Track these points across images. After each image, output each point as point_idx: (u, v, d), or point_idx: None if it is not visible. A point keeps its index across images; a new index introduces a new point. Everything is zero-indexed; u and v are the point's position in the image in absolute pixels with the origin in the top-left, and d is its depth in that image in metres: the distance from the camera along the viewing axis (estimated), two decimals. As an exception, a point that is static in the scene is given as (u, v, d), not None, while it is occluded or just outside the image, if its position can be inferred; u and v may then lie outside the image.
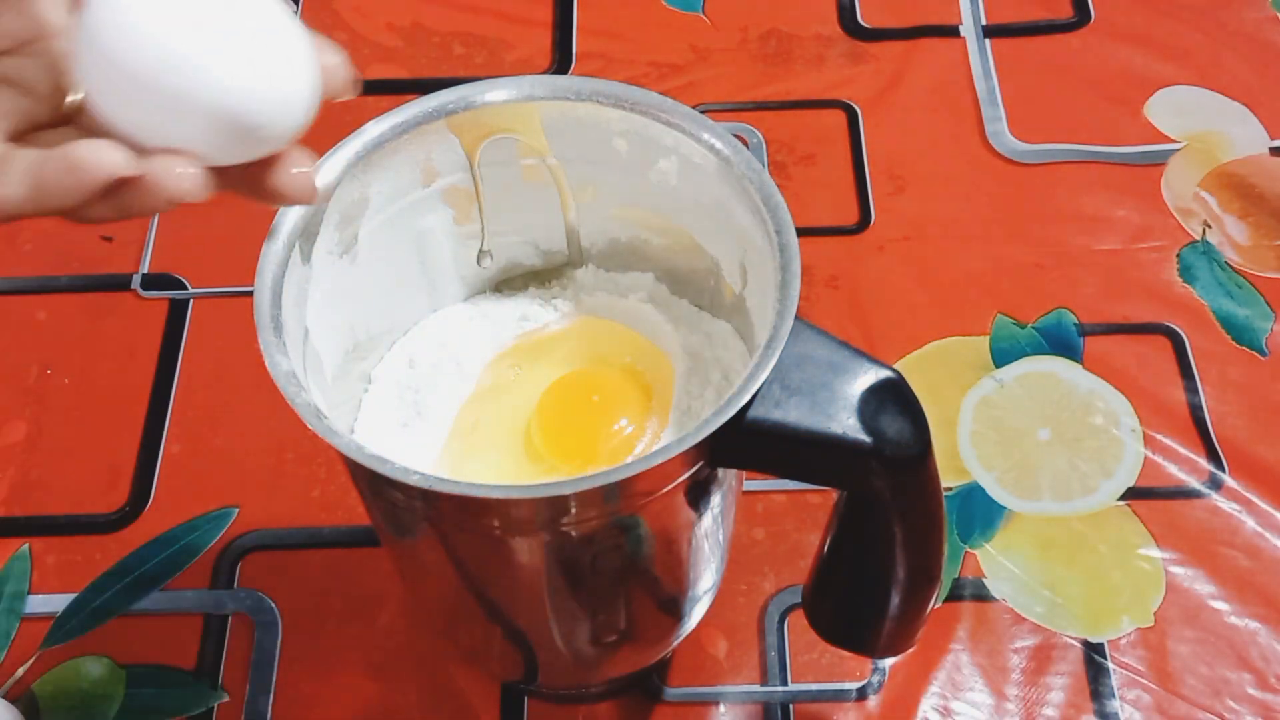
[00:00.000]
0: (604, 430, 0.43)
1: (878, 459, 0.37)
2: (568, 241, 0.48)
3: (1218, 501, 0.57)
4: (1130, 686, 0.52)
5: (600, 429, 0.43)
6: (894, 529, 0.39)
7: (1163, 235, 0.65)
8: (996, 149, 0.68)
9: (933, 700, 0.52)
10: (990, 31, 0.73)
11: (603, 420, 0.44)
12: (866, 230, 0.66)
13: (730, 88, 0.71)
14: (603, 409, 0.44)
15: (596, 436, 0.43)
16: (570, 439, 0.43)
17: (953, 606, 0.54)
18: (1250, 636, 0.53)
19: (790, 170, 0.68)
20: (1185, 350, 0.61)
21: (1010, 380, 0.60)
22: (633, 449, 0.43)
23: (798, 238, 0.39)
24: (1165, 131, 0.69)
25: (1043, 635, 0.53)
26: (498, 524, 0.38)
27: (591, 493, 0.35)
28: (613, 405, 0.44)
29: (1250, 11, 0.74)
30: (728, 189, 0.41)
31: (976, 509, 0.56)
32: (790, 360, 0.37)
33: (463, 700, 0.52)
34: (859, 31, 0.73)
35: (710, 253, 0.45)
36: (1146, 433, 0.58)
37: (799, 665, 0.53)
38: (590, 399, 0.44)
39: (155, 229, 0.66)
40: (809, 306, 0.62)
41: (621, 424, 0.43)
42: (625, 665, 0.50)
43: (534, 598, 0.42)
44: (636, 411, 0.44)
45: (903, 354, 0.61)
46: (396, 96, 0.43)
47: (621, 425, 0.43)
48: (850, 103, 0.70)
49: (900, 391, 0.37)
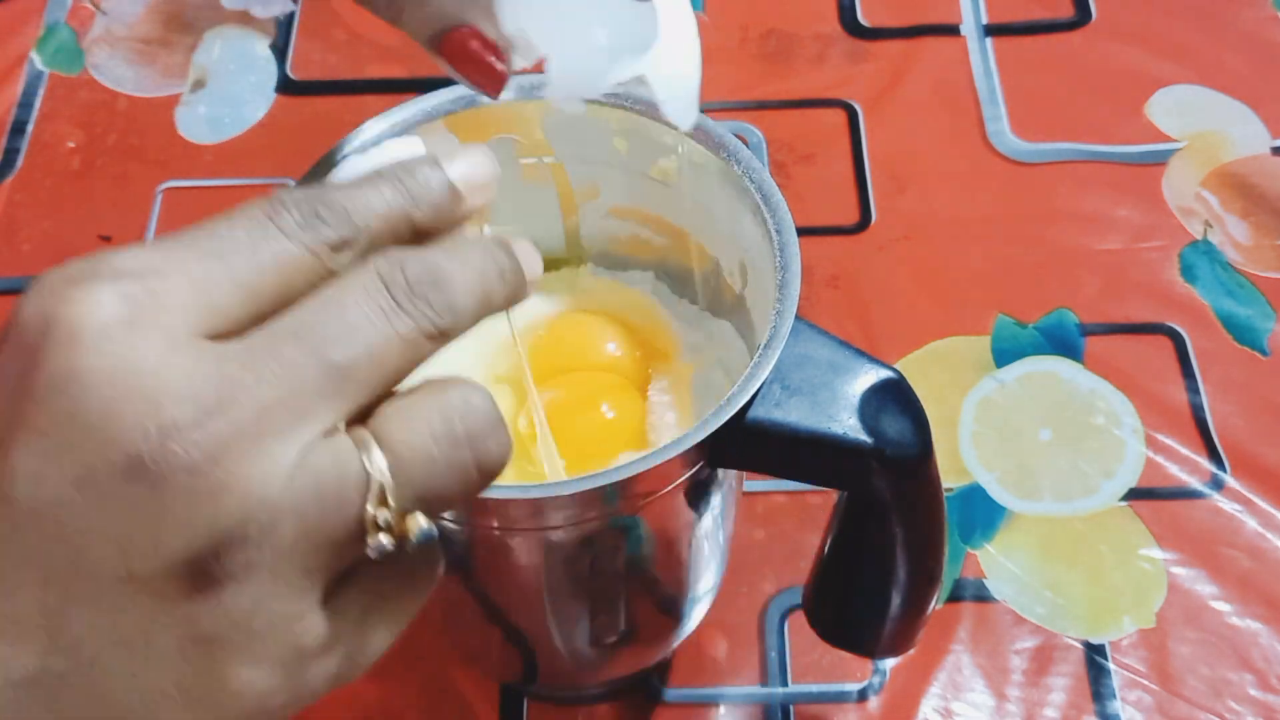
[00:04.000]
0: (597, 436, 0.43)
1: (878, 459, 0.36)
2: (567, 241, 0.47)
3: (1219, 502, 0.56)
4: (1131, 687, 0.52)
5: (592, 436, 0.43)
6: (895, 530, 0.39)
7: (1164, 235, 0.65)
8: (997, 148, 0.68)
9: (933, 701, 0.52)
10: (991, 30, 0.73)
11: (595, 426, 0.44)
12: (867, 230, 0.65)
13: (730, 87, 0.71)
14: (596, 415, 0.44)
15: (591, 443, 0.43)
16: (566, 445, 0.43)
17: (953, 607, 0.54)
18: (1252, 637, 0.53)
19: (790, 170, 0.67)
20: (1187, 350, 0.61)
21: (1011, 380, 0.60)
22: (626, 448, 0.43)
23: (798, 237, 0.39)
24: (1166, 131, 0.68)
25: (1044, 636, 0.53)
26: (497, 524, 0.38)
27: (591, 493, 0.35)
28: (607, 408, 0.44)
29: (1251, 11, 0.74)
30: (728, 189, 0.41)
31: (977, 509, 0.56)
32: (790, 360, 0.37)
33: (462, 701, 0.52)
34: (859, 30, 0.73)
35: (710, 253, 0.45)
36: (1148, 433, 0.58)
37: (799, 666, 0.53)
38: (583, 405, 0.44)
39: (154, 228, 0.66)
40: (809, 306, 0.62)
41: (609, 417, 0.43)
42: (625, 666, 0.50)
43: (533, 599, 0.42)
44: (631, 416, 0.44)
45: (903, 354, 0.61)
46: (396, 96, 0.43)
47: (609, 418, 0.43)
48: (851, 102, 0.70)
49: (901, 391, 0.37)
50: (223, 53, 0.73)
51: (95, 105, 0.71)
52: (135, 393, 0.23)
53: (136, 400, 0.23)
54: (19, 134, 0.69)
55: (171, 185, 0.67)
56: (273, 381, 0.24)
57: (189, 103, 0.71)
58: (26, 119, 0.70)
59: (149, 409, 0.23)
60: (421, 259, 0.27)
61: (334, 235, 0.26)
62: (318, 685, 0.27)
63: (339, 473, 0.25)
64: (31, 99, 0.71)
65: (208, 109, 0.70)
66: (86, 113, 0.70)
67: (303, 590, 0.25)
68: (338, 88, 0.71)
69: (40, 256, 0.65)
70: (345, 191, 0.27)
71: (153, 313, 0.24)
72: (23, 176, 0.68)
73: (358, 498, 0.25)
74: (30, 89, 0.71)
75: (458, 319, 0.27)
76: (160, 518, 0.23)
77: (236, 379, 0.24)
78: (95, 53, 0.73)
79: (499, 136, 0.43)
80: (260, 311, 0.25)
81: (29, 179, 0.68)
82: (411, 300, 0.26)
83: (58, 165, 0.68)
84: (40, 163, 0.69)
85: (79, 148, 0.69)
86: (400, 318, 0.26)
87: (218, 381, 0.24)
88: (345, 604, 0.27)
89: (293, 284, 0.26)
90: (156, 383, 0.23)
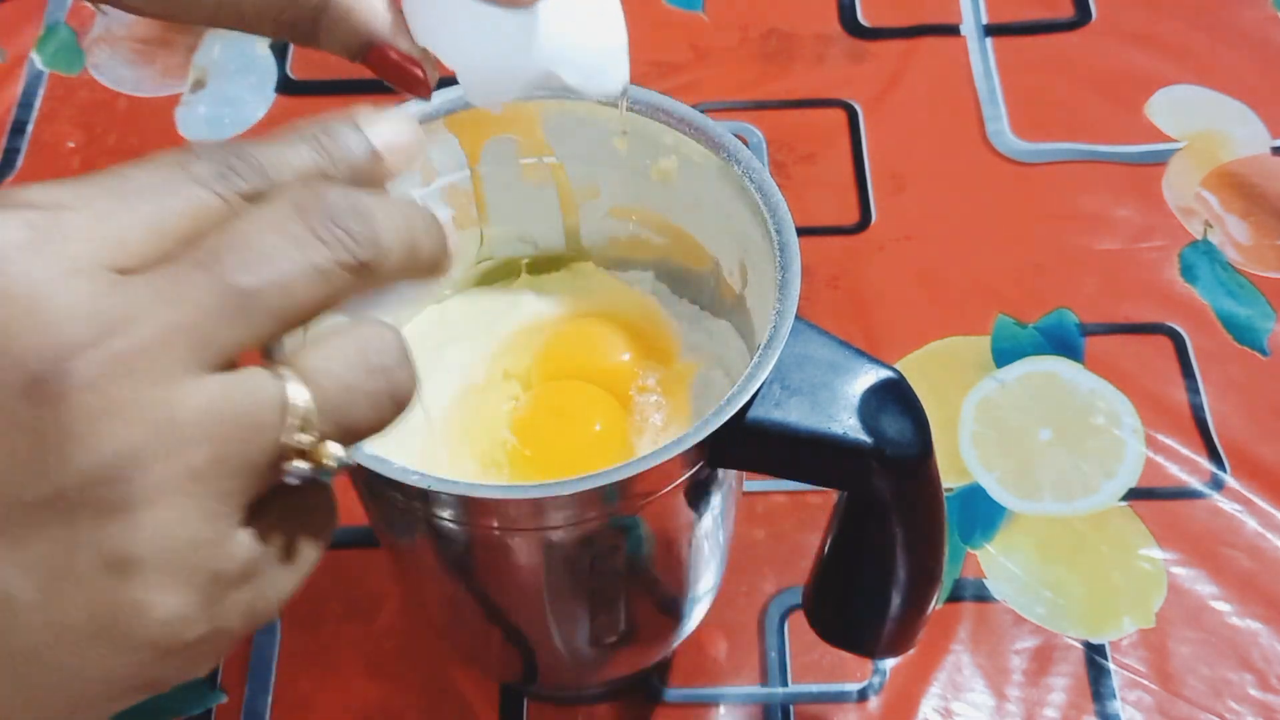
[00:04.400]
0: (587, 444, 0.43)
1: (878, 459, 0.36)
2: (567, 240, 0.47)
3: (1219, 502, 0.56)
4: (1131, 687, 0.52)
5: (583, 443, 0.43)
6: (895, 530, 0.39)
7: (1164, 235, 0.65)
8: (997, 148, 0.68)
9: (933, 701, 0.52)
10: (991, 30, 0.73)
11: (586, 434, 0.44)
12: (867, 230, 0.65)
13: (730, 87, 0.71)
14: (587, 423, 0.44)
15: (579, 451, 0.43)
16: (555, 453, 0.43)
17: (953, 607, 0.54)
18: (1252, 637, 0.53)
19: (790, 170, 0.67)
20: (1187, 350, 0.61)
21: (1011, 380, 0.60)
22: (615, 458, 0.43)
23: (798, 237, 0.39)
24: (1166, 131, 0.68)
25: (1044, 636, 0.53)
26: (497, 524, 0.38)
27: (591, 493, 0.35)
28: (595, 418, 0.44)
29: (1251, 11, 0.74)
30: (728, 188, 0.41)
31: (977, 509, 0.56)
32: (790, 360, 0.37)
33: (462, 701, 0.52)
34: (859, 30, 0.73)
35: (710, 252, 0.45)
36: (1148, 433, 0.58)
37: (799, 666, 0.52)
38: (573, 412, 0.44)
39: (154, 229, 0.66)
40: (809, 306, 0.62)
41: (598, 428, 0.43)
42: (625, 666, 0.50)
43: (533, 599, 0.42)
44: (617, 425, 0.44)
45: (903, 354, 0.61)
46: (396, 96, 0.43)
47: (598, 429, 0.43)
48: (851, 102, 0.70)
49: (901, 392, 0.37)
50: (222, 53, 0.73)
51: (95, 105, 0.71)
52: (32, 314, 0.23)
53: (33, 320, 0.23)
54: (19, 134, 0.69)
55: (171, 185, 0.67)
56: (175, 305, 0.24)
57: (189, 103, 0.71)
58: (26, 119, 0.70)
59: (46, 329, 0.23)
60: (344, 191, 0.27)
61: (246, 187, 0.26)
62: (234, 620, 0.26)
63: (256, 399, 0.25)
64: (31, 99, 0.71)
65: (208, 109, 0.70)
66: (86, 113, 0.70)
67: (219, 514, 0.25)
68: (337, 88, 0.71)
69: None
70: (261, 147, 0.27)
71: (56, 241, 0.24)
72: (23, 176, 0.68)
73: (275, 422, 0.25)
74: (30, 89, 0.71)
75: (380, 254, 0.27)
76: (62, 438, 0.23)
77: (137, 301, 0.24)
78: (95, 53, 0.73)
79: (499, 136, 0.43)
80: (168, 252, 0.25)
81: (29, 179, 0.67)
82: (329, 229, 0.26)
83: (58, 165, 0.68)
84: (40, 163, 0.68)
85: (79, 148, 0.69)
86: (315, 246, 0.26)
87: (118, 303, 0.24)
88: (263, 529, 0.26)
89: (202, 229, 0.25)
90: (55, 304, 0.23)
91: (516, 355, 0.46)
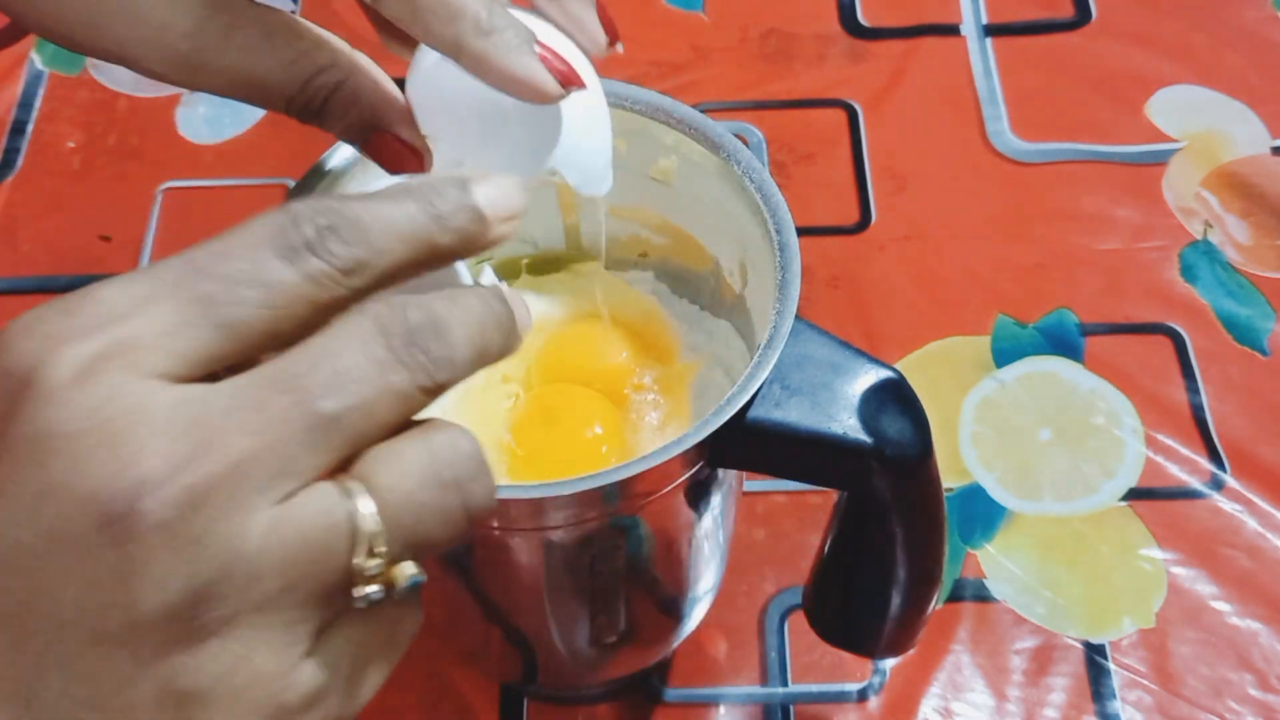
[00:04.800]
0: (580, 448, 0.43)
1: (878, 459, 0.36)
2: (567, 240, 0.47)
3: (1219, 502, 0.56)
4: (1131, 687, 0.52)
5: (577, 448, 0.43)
6: (895, 530, 0.39)
7: (1164, 235, 0.65)
8: (997, 148, 0.68)
9: (933, 701, 0.52)
10: (991, 30, 0.73)
11: (579, 439, 0.44)
12: (867, 230, 0.65)
13: (730, 87, 0.71)
14: (583, 427, 0.44)
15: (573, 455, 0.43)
16: (551, 457, 0.43)
17: (953, 607, 0.54)
18: (1252, 637, 0.53)
19: (790, 170, 0.67)
20: (1187, 350, 0.61)
21: (1011, 380, 0.60)
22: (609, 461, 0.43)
23: (798, 237, 0.39)
24: (1166, 131, 0.68)
25: (1044, 636, 0.53)
26: (497, 524, 0.38)
27: (591, 493, 0.35)
28: (592, 422, 0.44)
29: (1251, 11, 0.74)
30: (728, 188, 0.41)
31: (977, 509, 0.56)
32: (790, 360, 0.37)
33: (462, 701, 0.52)
34: (859, 30, 0.73)
35: (710, 252, 0.45)
36: (1148, 433, 0.58)
37: (799, 666, 0.52)
38: (569, 417, 0.44)
39: (154, 228, 0.66)
40: (809, 306, 0.62)
41: (596, 431, 0.43)
42: (625, 666, 0.50)
43: (533, 598, 0.42)
44: (614, 429, 0.44)
45: (903, 354, 0.61)
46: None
47: (596, 433, 0.43)
48: (851, 102, 0.70)
49: (901, 391, 0.37)
50: (223, 53, 0.72)
51: (95, 105, 0.71)
52: (105, 449, 0.23)
53: (106, 457, 0.23)
54: (19, 134, 0.69)
55: (171, 185, 0.67)
56: (254, 431, 0.23)
57: (189, 103, 0.71)
58: (26, 119, 0.70)
59: (119, 465, 0.23)
60: (423, 306, 0.26)
61: (347, 256, 0.25)
62: None
63: (326, 523, 0.24)
64: (31, 99, 0.71)
65: (208, 109, 0.70)
66: (86, 113, 0.70)
67: (287, 645, 0.24)
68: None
69: (40, 256, 0.65)
70: (366, 205, 0.26)
71: (127, 363, 0.23)
72: (23, 176, 0.68)
73: (345, 548, 0.24)
74: (30, 89, 0.71)
75: (455, 372, 0.26)
76: (133, 576, 0.23)
77: (214, 428, 0.23)
78: (95, 53, 0.73)
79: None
80: (248, 350, 0.25)
81: (29, 179, 0.68)
82: (410, 352, 0.25)
83: (58, 165, 0.68)
84: (40, 163, 0.69)
85: (79, 148, 0.69)
86: (396, 370, 0.25)
87: (193, 432, 0.23)
88: (331, 656, 0.25)
89: (293, 315, 0.25)
90: (128, 437, 0.23)
91: (515, 357, 0.46)
